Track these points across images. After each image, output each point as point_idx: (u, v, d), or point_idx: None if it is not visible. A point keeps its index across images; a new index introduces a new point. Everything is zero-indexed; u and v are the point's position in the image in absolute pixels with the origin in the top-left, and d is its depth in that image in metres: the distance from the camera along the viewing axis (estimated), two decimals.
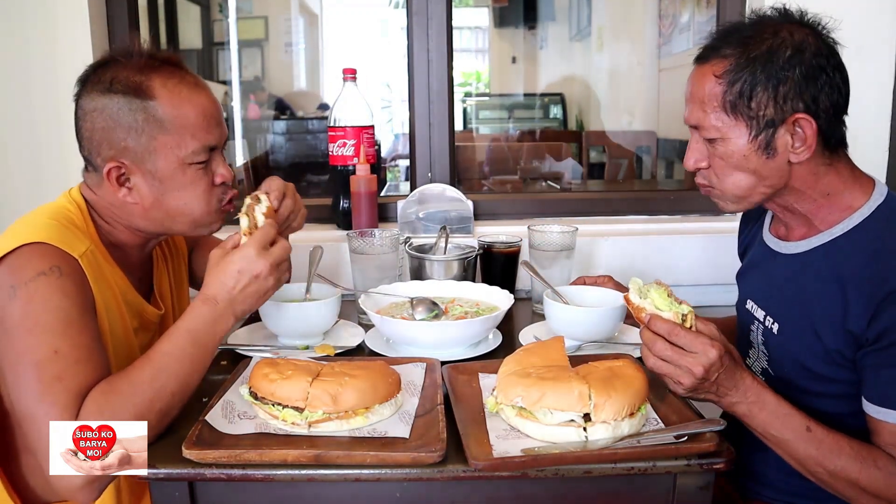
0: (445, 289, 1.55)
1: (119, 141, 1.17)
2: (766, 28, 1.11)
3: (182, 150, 1.18)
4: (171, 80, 1.18)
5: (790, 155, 1.11)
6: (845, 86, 1.11)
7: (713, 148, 1.15)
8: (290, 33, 5.65)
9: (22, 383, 1.03)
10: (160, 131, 1.17)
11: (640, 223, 2.02)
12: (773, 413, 1.06)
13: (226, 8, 4.97)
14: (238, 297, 1.15)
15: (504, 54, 6.51)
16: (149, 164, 1.18)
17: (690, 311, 1.06)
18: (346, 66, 1.92)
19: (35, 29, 1.81)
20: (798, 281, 1.18)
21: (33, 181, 1.85)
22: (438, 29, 1.96)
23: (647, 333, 1.06)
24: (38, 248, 1.09)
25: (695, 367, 1.02)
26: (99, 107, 1.17)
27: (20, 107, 1.84)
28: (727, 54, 1.11)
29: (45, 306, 1.05)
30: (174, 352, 1.09)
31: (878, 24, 1.86)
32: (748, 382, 1.06)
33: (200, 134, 1.20)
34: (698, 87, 1.14)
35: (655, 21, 4.37)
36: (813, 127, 1.08)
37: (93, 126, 1.18)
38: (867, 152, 1.89)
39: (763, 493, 1.28)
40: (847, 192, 1.15)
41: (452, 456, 0.96)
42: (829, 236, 1.15)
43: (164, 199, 1.21)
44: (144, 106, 1.16)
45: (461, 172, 3.68)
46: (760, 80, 1.08)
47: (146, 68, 1.18)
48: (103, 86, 1.17)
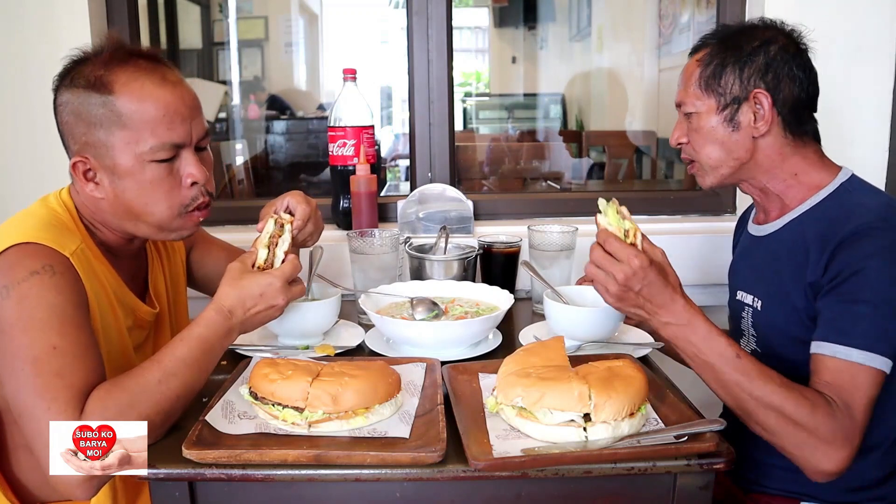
0: (445, 289, 1.55)
1: (81, 135, 1.16)
2: (748, 28, 1.30)
3: (139, 145, 1.14)
4: (136, 75, 1.15)
5: (752, 130, 1.25)
6: (810, 84, 1.26)
7: (690, 122, 1.31)
8: (290, 33, 5.64)
9: (20, 379, 1.02)
10: (118, 126, 1.14)
11: (639, 223, 2.01)
12: (703, 338, 1.11)
13: (226, 8, 4.97)
14: (250, 317, 1.18)
15: (504, 54, 6.51)
16: (108, 160, 1.16)
17: (634, 228, 1.16)
18: (346, 66, 1.92)
19: (35, 29, 1.81)
20: (774, 256, 1.29)
21: (32, 181, 1.85)
22: (438, 29, 1.96)
23: (593, 245, 1.17)
24: (29, 248, 1.09)
25: (618, 273, 1.11)
26: (65, 101, 1.16)
27: (20, 107, 1.84)
28: (708, 44, 1.30)
29: (40, 304, 1.05)
30: (185, 357, 1.09)
31: (878, 24, 1.86)
32: (680, 305, 1.13)
33: (160, 130, 1.15)
34: (685, 72, 1.32)
35: (655, 21, 4.37)
36: (769, 101, 1.23)
37: (61, 120, 1.18)
38: (867, 152, 1.90)
39: (766, 484, 1.29)
40: (814, 172, 1.27)
41: (452, 456, 0.96)
42: (798, 212, 1.27)
43: (125, 197, 1.18)
44: (104, 101, 1.13)
45: (461, 172, 3.68)
46: (729, 63, 1.25)
47: (111, 62, 1.15)
48: (68, 80, 1.16)
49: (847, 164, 1.31)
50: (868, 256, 1.12)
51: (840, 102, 1.88)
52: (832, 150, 1.33)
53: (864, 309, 1.10)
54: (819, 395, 1.08)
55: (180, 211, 1.21)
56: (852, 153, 1.89)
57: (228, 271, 1.20)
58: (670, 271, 1.16)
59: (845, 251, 1.13)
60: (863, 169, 1.91)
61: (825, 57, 1.86)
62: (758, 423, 1.09)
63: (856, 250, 1.13)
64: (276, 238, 1.25)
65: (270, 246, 1.24)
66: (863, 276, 1.11)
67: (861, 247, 1.12)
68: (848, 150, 1.89)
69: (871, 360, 1.08)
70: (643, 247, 1.15)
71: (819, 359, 1.11)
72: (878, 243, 1.12)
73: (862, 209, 1.17)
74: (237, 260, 1.22)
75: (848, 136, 1.89)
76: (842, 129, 1.89)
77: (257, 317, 1.19)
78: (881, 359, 1.08)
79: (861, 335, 1.09)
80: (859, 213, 1.16)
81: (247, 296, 1.17)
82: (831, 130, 1.88)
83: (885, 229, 1.13)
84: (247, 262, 1.21)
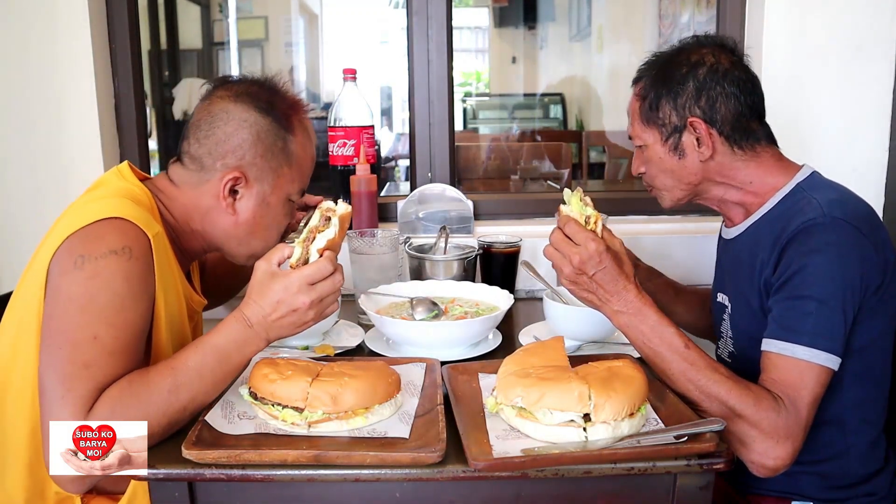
0: (445, 289, 1.55)
1: (254, 156, 1.22)
2: (679, 53, 1.30)
3: (292, 186, 1.27)
4: (304, 124, 1.28)
5: (697, 154, 1.27)
6: (749, 95, 1.26)
7: (643, 154, 1.34)
8: (290, 33, 5.64)
9: (54, 356, 1.03)
10: (286, 164, 1.25)
11: (640, 223, 2.03)
12: (652, 328, 1.13)
13: (226, 8, 4.97)
14: (273, 325, 1.10)
15: (504, 54, 6.51)
16: (266, 187, 1.24)
17: (595, 216, 1.17)
18: (346, 66, 1.92)
19: (35, 29, 1.81)
20: (737, 260, 1.32)
21: (32, 182, 1.84)
22: (438, 29, 1.96)
23: (554, 229, 1.18)
24: (116, 223, 1.09)
25: (573, 255, 1.13)
26: (251, 120, 1.22)
27: (20, 106, 1.84)
28: (644, 77, 1.32)
29: (106, 287, 1.06)
30: (198, 366, 1.06)
31: (878, 24, 1.86)
32: (632, 294, 1.15)
33: (305, 179, 1.30)
34: (630, 106, 1.35)
35: (655, 21, 4.37)
36: (705, 128, 1.25)
37: (235, 133, 1.21)
38: (867, 152, 1.90)
39: (759, 486, 1.29)
40: (769, 177, 1.27)
41: (452, 456, 0.96)
42: (757, 216, 1.29)
43: (260, 222, 1.25)
44: (285, 137, 1.24)
45: (461, 172, 3.68)
46: (663, 94, 1.28)
47: (293, 105, 1.27)
48: (261, 104, 1.22)
49: (847, 164, 1.31)
50: (811, 252, 1.13)
51: (840, 102, 1.88)
52: (832, 151, 1.33)
53: (808, 305, 1.11)
54: (765, 391, 1.09)
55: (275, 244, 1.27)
56: (852, 153, 1.89)
57: (255, 269, 1.12)
58: (626, 261, 1.17)
59: (792, 248, 1.15)
60: (863, 169, 1.92)
61: (825, 57, 1.88)
62: (703, 413, 1.09)
63: (801, 246, 1.14)
64: (314, 233, 1.13)
65: (304, 245, 1.12)
66: (806, 272, 1.12)
67: (806, 243, 1.14)
68: (848, 151, 1.89)
69: (815, 356, 1.09)
70: (602, 234, 1.16)
71: (767, 356, 1.13)
72: (822, 238, 1.13)
73: (809, 206, 1.18)
74: (263, 258, 1.13)
75: (848, 136, 1.89)
76: (842, 129, 1.88)
77: (282, 324, 1.10)
78: (825, 355, 1.09)
79: (805, 332, 1.10)
80: (806, 209, 1.17)
81: (265, 303, 1.09)
82: (831, 131, 1.90)
83: (829, 224, 1.14)
84: (272, 260, 1.12)
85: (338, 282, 1.12)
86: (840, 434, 1.22)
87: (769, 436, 1.06)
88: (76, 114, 1.84)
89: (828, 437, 1.22)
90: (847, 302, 1.11)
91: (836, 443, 1.23)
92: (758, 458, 1.08)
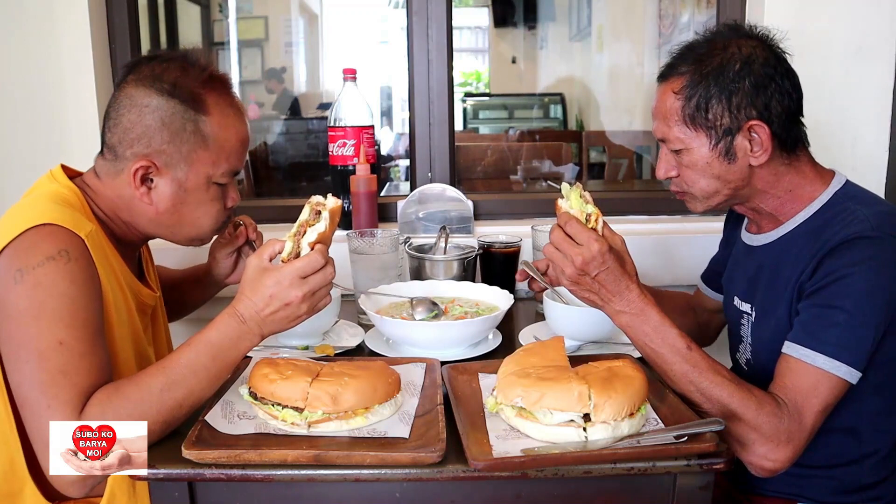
0: (445, 289, 1.55)
1: (160, 142, 1.18)
2: (717, 44, 1.20)
3: (214, 169, 1.22)
4: (223, 101, 1.22)
5: (750, 159, 1.19)
6: (795, 91, 1.19)
7: (679, 158, 1.24)
8: (290, 33, 5.65)
9: (25, 371, 1.02)
10: (202, 146, 1.20)
11: (640, 223, 2.02)
12: (655, 329, 1.12)
13: (226, 8, 4.97)
14: (267, 320, 1.09)
15: (504, 54, 6.51)
16: (179, 173, 1.20)
17: (596, 213, 1.15)
18: (346, 66, 1.92)
19: (35, 29, 1.81)
20: (766, 269, 1.27)
21: (31, 180, 1.84)
22: (438, 29, 1.96)
23: (553, 226, 1.15)
24: (45, 230, 1.08)
25: (576, 256, 1.11)
26: (153, 105, 1.17)
27: (20, 106, 1.84)
28: (683, 71, 1.20)
29: (53, 292, 1.05)
30: (191, 363, 1.05)
31: (878, 24, 1.86)
32: (634, 294, 1.13)
33: (233, 159, 1.25)
34: (661, 104, 1.24)
35: (655, 21, 4.37)
36: (767, 131, 1.17)
37: (139, 120, 1.18)
38: (867, 152, 1.90)
39: (763, 487, 1.29)
40: (808, 185, 1.23)
41: (452, 456, 0.96)
42: (793, 224, 1.24)
43: (182, 209, 1.23)
44: (196, 119, 1.19)
45: (461, 172, 3.68)
46: (714, 93, 1.17)
47: (207, 83, 1.21)
48: (164, 86, 1.18)
49: (847, 164, 1.31)
50: (853, 264, 1.10)
51: (840, 102, 1.88)
52: (832, 151, 1.33)
53: (838, 316, 1.09)
54: (769, 395, 1.08)
55: (217, 228, 1.30)
56: (852, 153, 1.89)
57: (246, 265, 1.12)
58: (628, 259, 1.15)
59: (833, 258, 1.12)
60: (863, 169, 1.92)
61: (825, 57, 1.88)
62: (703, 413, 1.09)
63: (843, 258, 1.11)
64: (304, 227, 1.12)
65: (295, 239, 1.11)
66: (844, 282, 1.10)
67: (849, 254, 1.11)
68: (848, 151, 1.89)
69: (836, 368, 1.08)
70: (604, 232, 1.14)
71: (786, 359, 1.11)
72: (866, 252, 1.11)
73: (855, 219, 1.15)
74: (254, 254, 1.12)
75: (848, 137, 1.89)
76: (842, 130, 1.88)
77: (276, 318, 1.09)
78: (846, 368, 1.08)
79: (830, 342, 1.08)
80: (852, 222, 1.14)
81: (257, 298, 1.08)
82: (831, 131, 1.89)
83: (876, 238, 1.12)
84: (263, 255, 1.11)
85: (329, 274, 1.11)
86: (855, 443, 1.22)
87: (769, 439, 1.06)
88: (76, 114, 1.84)
89: (842, 444, 1.21)
90: (880, 318, 1.10)
91: (851, 451, 1.22)
92: (756, 459, 1.07)
